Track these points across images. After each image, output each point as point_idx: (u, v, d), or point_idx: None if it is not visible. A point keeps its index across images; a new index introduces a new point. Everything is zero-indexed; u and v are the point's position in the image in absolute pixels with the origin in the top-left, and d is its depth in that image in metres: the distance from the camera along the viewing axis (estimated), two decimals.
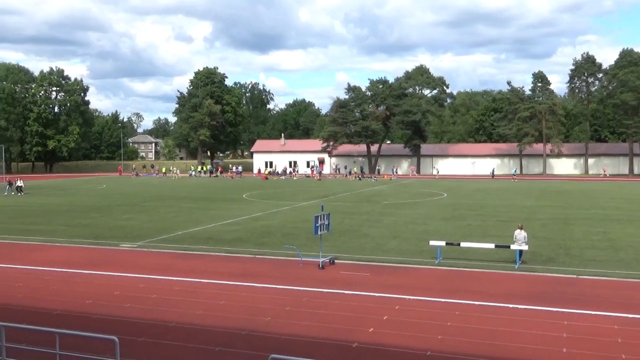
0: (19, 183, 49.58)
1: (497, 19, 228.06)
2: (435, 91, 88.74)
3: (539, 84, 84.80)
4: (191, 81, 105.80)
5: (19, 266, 19.30)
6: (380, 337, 12.00)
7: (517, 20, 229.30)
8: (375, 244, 22.91)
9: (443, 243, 20.34)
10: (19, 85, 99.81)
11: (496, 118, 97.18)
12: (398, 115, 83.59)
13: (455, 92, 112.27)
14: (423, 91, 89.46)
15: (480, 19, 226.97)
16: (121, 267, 19.03)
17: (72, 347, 10.43)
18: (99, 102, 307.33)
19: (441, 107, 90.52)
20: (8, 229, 27.74)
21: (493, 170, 77.64)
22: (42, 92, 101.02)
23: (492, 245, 20.24)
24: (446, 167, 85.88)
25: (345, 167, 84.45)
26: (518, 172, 79.40)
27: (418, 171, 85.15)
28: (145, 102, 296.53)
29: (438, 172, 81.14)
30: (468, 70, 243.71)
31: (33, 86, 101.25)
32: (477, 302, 14.46)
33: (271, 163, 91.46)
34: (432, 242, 20.52)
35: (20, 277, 17.72)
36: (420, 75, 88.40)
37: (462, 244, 20.42)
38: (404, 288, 15.93)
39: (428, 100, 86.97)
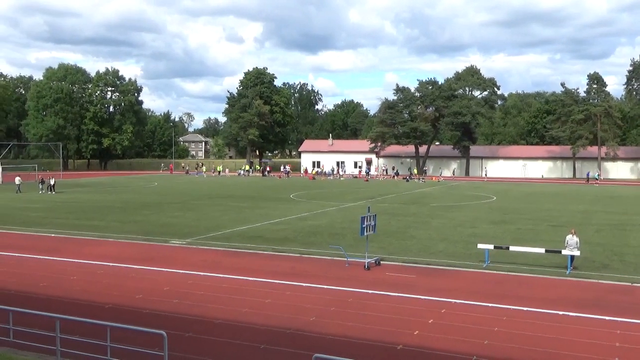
0: (52, 181, 49.37)
1: (553, 18, 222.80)
2: (485, 92, 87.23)
3: (595, 86, 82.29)
4: (241, 81, 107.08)
5: (74, 260, 19.95)
6: (425, 340, 11.89)
7: (574, 19, 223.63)
8: (422, 246, 22.71)
9: (491, 246, 19.99)
10: (76, 86, 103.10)
11: (549, 120, 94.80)
12: (447, 117, 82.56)
13: (506, 94, 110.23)
14: (473, 92, 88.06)
15: (535, 18, 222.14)
16: (171, 263, 19.44)
17: (123, 340, 10.74)
18: (152, 101, 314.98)
19: (492, 109, 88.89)
20: (65, 224, 28.70)
21: (588, 174, 73.68)
22: (98, 92, 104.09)
23: (542, 250, 19.78)
24: (496, 169, 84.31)
25: (393, 168, 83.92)
26: (600, 176, 74.49)
27: (467, 173, 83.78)
28: (196, 102, 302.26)
29: (486, 175, 79.73)
30: (521, 71, 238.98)
31: (90, 86, 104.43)
32: (525, 308, 14.17)
33: (319, 163, 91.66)
34: (480, 245, 20.18)
35: (75, 271, 18.32)
36: (471, 76, 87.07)
37: (511, 248, 20.02)
38: (450, 291, 15.74)
39: (478, 101, 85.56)
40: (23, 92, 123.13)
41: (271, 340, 11.83)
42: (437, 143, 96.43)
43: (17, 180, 51.63)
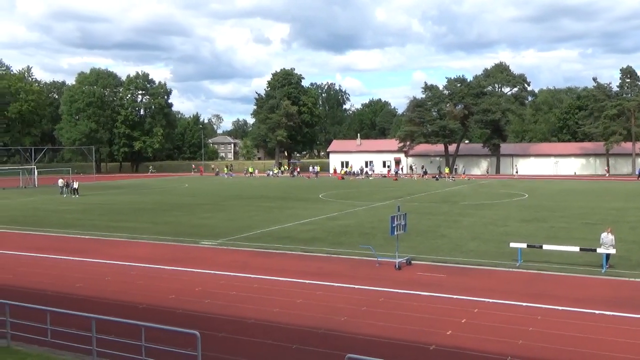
0: (75, 185, 49.33)
1: (584, 12, 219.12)
2: (515, 89, 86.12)
3: (628, 80, 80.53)
4: (269, 83, 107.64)
5: (107, 261, 20.28)
6: (458, 340, 11.79)
7: (606, 13, 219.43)
8: (453, 245, 22.51)
9: (524, 245, 19.70)
10: (107, 90, 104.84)
11: (581, 116, 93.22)
12: (477, 114, 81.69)
13: (537, 90, 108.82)
14: (503, 89, 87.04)
15: (566, 13, 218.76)
16: (202, 264, 19.62)
17: (156, 340, 10.87)
18: (181, 104, 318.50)
19: (522, 106, 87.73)
20: (98, 226, 29.20)
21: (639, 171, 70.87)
22: (129, 95, 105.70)
23: (576, 249, 19.44)
24: (527, 167, 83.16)
25: (422, 167, 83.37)
26: None
27: (498, 170, 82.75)
28: (224, 104, 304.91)
29: (517, 172, 78.67)
30: (551, 67, 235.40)
31: (121, 90, 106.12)
32: (560, 307, 13.94)
33: (347, 163, 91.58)
34: (512, 244, 19.91)
35: (109, 272, 18.62)
36: (500, 72, 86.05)
37: (545, 247, 19.70)
38: (483, 290, 15.57)
39: (508, 98, 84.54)
40: (56, 97, 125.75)
41: (303, 340, 11.86)
42: (466, 141, 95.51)
43: (60, 182, 53.95)
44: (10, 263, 20.37)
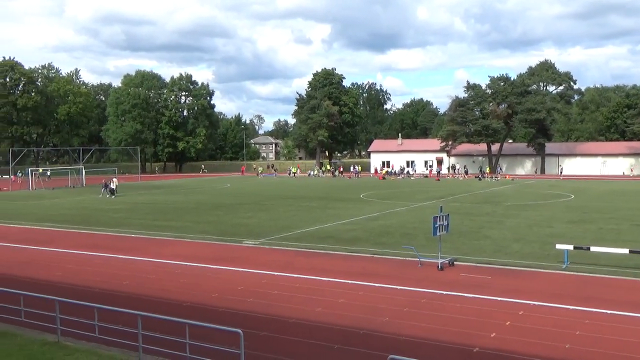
0: (113, 185, 49.72)
1: (633, 7, 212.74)
2: (561, 87, 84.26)
3: None
4: (309, 83, 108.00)
5: (153, 259, 20.67)
6: (503, 343, 11.59)
7: None
8: (497, 246, 22.15)
9: (571, 247, 19.24)
10: (152, 91, 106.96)
11: (630, 115, 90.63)
12: (521, 114, 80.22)
13: (583, 88, 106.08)
14: (548, 88, 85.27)
15: (614, 8, 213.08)
16: (244, 263, 19.80)
17: (200, 338, 11.02)
18: (223, 105, 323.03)
19: (568, 104, 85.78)
20: (144, 225, 29.80)
21: None
22: (173, 96, 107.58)
23: (626, 251, 18.87)
24: (573, 167, 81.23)
25: (465, 167, 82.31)
26: None
27: (543, 171, 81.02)
28: (266, 105, 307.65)
29: (561, 173, 76.90)
30: (599, 64, 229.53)
31: (165, 91, 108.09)
32: (609, 311, 13.56)
33: (388, 163, 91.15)
34: (558, 246, 19.47)
35: (154, 270, 18.97)
36: (545, 70, 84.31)
37: (592, 249, 19.20)
38: (528, 293, 15.27)
39: (553, 97, 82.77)
40: (103, 98, 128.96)
41: (345, 341, 11.84)
42: (510, 141, 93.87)
43: (115, 181, 55.31)
44: (59, 260, 20.97)
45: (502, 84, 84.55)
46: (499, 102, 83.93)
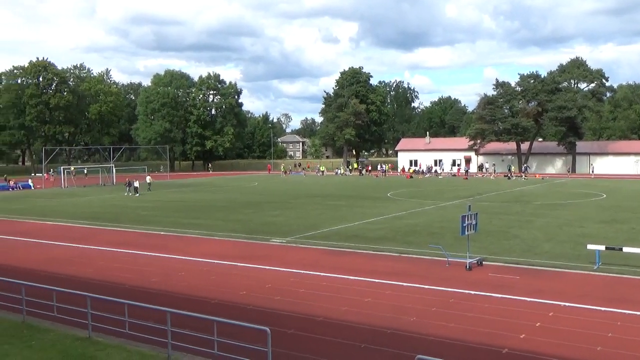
0: (136, 184, 49.62)
1: None
2: (592, 85, 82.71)
3: None
4: (337, 81, 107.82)
5: (181, 257, 20.90)
6: (532, 344, 11.44)
7: None
8: (526, 246, 21.87)
9: (602, 247, 18.89)
10: (181, 90, 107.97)
11: None
12: (551, 112, 78.91)
13: (615, 86, 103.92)
14: (579, 85, 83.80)
15: None
16: (272, 261, 19.90)
17: (228, 335, 11.11)
18: (251, 103, 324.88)
19: (599, 102, 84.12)
20: (173, 222, 30.13)
21: None
22: (201, 95, 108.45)
23: None
24: (604, 165, 79.62)
25: (493, 165, 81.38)
26: None
27: (574, 169, 79.62)
28: (293, 103, 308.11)
29: (593, 171, 75.51)
30: (632, 61, 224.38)
31: (193, 90, 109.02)
32: None
33: (416, 161, 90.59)
34: (589, 246, 19.14)
35: (183, 267, 19.18)
36: (576, 68, 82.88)
37: (625, 249, 18.82)
38: (558, 294, 15.05)
39: (585, 94, 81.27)
40: (133, 98, 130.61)
41: (372, 340, 11.82)
42: (540, 139, 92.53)
43: (148, 179, 57.13)
44: (91, 257, 21.33)
45: (532, 81, 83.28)
46: (528, 100, 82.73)
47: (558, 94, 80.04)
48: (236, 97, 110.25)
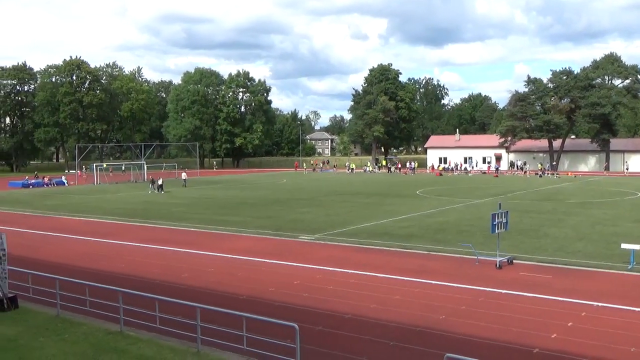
0: (160, 181, 49.60)
1: None
2: (627, 81, 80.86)
3: None
4: (366, 78, 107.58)
5: (211, 253, 21.09)
6: (564, 344, 11.27)
7: None
8: (558, 245, 21.53)
9: (637, 247, 18.46)
10: (210, 88, 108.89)
11: None
12: (584, 108, 77.48)
13: None
14: (613, 81, 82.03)
15: None
16: (300, 258, 19.95)
17: (256, 331, 11.19)
18: (280, 101, 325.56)
19: (635, 98, 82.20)
20: (203, 219, 30.42)
21: None
22: (230, 93, 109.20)
23: None
24: None
25: (525, 163, 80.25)
26: None
27: (607, 167, 78.03)
28: (322, 100, 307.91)
29: (627, 169, 73.87)
30: None
31: (222, 88, 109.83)
32: None
33: (445, 159, 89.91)
34: (624, 245, 18.74)
35: (212, 263, 19.36)
36: (611, 63, 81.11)
37: None
38: (590, 293, 14.79)
39: (619, 91, 79.55)
40: (164, 95, 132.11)
41: (401, 337, 11.78)
42: (572, 136, 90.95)
43: (184, 175, 57.95)
44: (123, 253, 21.67)
45: (564, 77, 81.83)
46: (561, 97, 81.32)
47: (591, 91, 78.55)
48: (265, 94, 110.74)
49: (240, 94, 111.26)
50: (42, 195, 49.51)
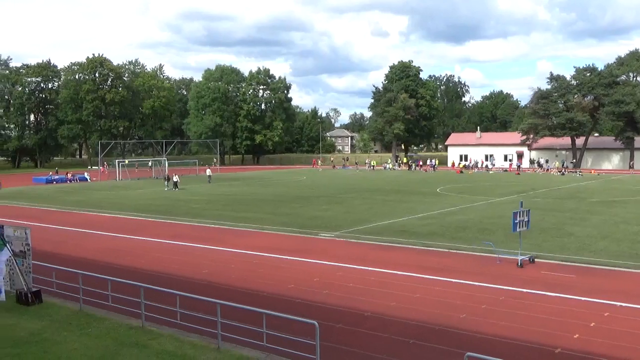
0: (175, 178, 49.54)
1: None
2: None
3: None
4: (386, 76, 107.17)
5: (232, 250, 21.21)
6: (587, 344, 11.13)
7: None
8: (581, 244, 21.27)
9: None
10: (231, 85, 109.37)
11: None
12: (608, 106, 76.36)
13: None
14: (638, 78, 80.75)
15: None
16: (320, 255, 19.96)
17: (277, 328, 11.23)
18: (300, 98, 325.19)
19: None
20: (223, 216, 30.58)
21: None
22: (251, 90, 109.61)
23: None
24: None
25: (547, 161, 79.36)
26: None
27: (632, 166, 76.83)
28: (342, 98, 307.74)
29: None
30: None
31: (243, 85, 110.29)
32: None
33: (466, 156, 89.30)
34: None
35: (233, 260, 19.46)
36: (635, 60, 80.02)
37: None
38: (614, 293, 14.59)
39: None
40: (185, 93, 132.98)
41: (420, 336, 11.74)
42: (596, 134, 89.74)
43: (208, 172, 58.50)
44: (144, 248, 21.88)
45: (588, 74, 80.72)
46: (584, 94, 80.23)
47: (616, 88, 77.39)
48: (285, 91, 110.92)
49: (261, 91, 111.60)
50: (65, 191, 50.18)
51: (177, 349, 11.02)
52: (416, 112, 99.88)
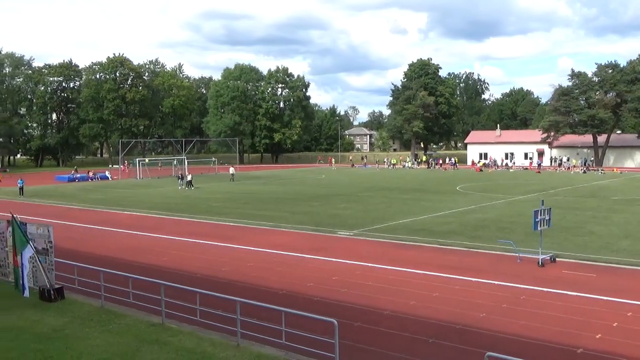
0: (189, 177, 49.65)
1: None
2: None
3: None
4: (405, 73, 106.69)
5: (250, 248, 21.29)
6: (609, 344, 11.00)
7: None
8: (603, 243, 21.01)
9: None
10: (250, 84, 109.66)
11: None
12: (630, 103, 75.23)
13: None
14: None
15: None
16: (338, 253, 19.96)
17: (295, 326, 11.25)
18: (319, 96, 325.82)
19: None
20: (242, 214, 30.72)
21: None
22: (270, 89, 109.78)
23: None
24: None
25: (568, 159, 78.47)
26: None
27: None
28: (360, 96, 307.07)
29: None
30: None
31: (262, 84, 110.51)
32: None
33: (486, 155, 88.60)
34: None
35: (251, 258, 19.54)
36: None
37: None
38: (637, 293, 14.40)
39: None
40: (204, 91, 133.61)
41: (440, 335, 11.69)
42: (618, 132, 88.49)
43: (232, 170, 58.79)
44: (165, 246, 22.06)
45: (610, 71, 79.58)
46: (606, 91, 79.14)
47: (638, 84, 76.24)
48: (304, 90, 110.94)
49: (280, 89, 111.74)
50: (86, 189, 50.77)
51: (196, 346, 11.10)
52: (435, 110, 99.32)
